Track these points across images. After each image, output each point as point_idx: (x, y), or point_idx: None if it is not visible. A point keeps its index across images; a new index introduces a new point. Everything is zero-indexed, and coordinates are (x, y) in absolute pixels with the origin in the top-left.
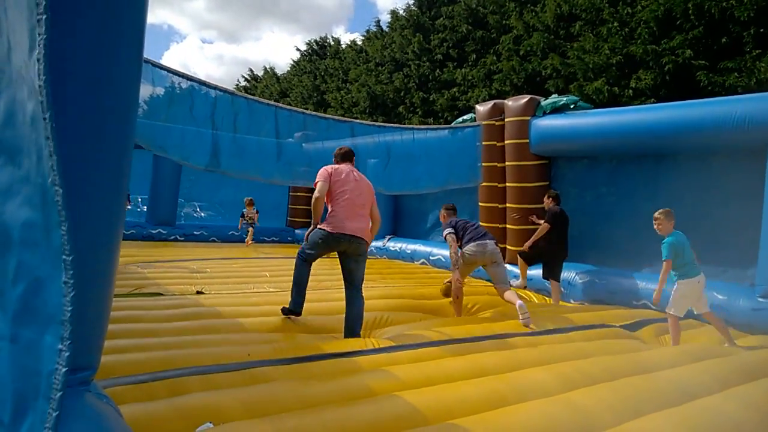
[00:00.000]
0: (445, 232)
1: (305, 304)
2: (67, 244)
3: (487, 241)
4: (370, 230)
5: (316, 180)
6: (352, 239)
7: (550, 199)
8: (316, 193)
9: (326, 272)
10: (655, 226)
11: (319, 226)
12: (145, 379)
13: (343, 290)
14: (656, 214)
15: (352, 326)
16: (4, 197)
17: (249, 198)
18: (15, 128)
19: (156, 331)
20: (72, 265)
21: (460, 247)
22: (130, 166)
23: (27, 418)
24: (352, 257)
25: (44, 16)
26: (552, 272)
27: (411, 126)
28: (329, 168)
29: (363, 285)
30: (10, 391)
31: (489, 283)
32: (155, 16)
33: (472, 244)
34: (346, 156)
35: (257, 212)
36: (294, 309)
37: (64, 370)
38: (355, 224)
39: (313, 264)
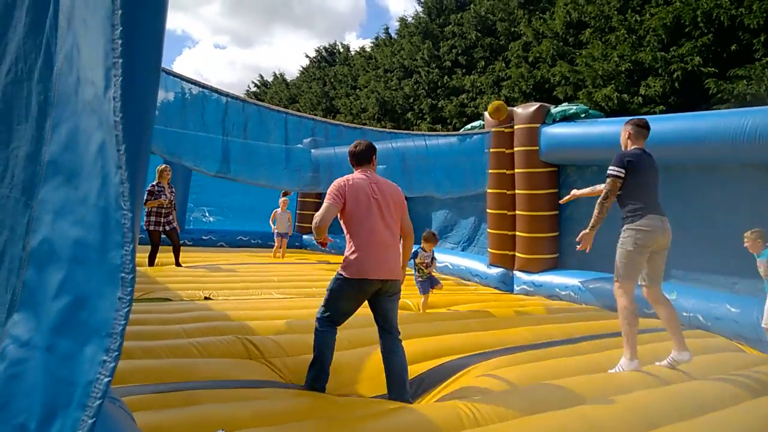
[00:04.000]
0: (613, 170)
1: (307, 308)
2: (129, 263)
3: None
4: (405, 247)
5: (326, 198)
6: (384, 282)
7: None
8: (317, 219)
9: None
10: (750, 245)
11: (339, 272)
12: (157, 390)
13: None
14: (751, 235)
15: (400, 381)
16: (56, 216)
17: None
18: (76, 153)
19: (165, 335)
20: (131, 283)
21: (628, 216)
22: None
23: (54, 425)
24: (384, 296)
25: (120, 60)
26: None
27: (422, 132)
28: (343, 182)
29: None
30: (40, 399)
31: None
32: (169, 21)
33: (651, 216)
34: (364, 156)
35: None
36: (314, 387)
37: (106, 380)
38: (385, 263)
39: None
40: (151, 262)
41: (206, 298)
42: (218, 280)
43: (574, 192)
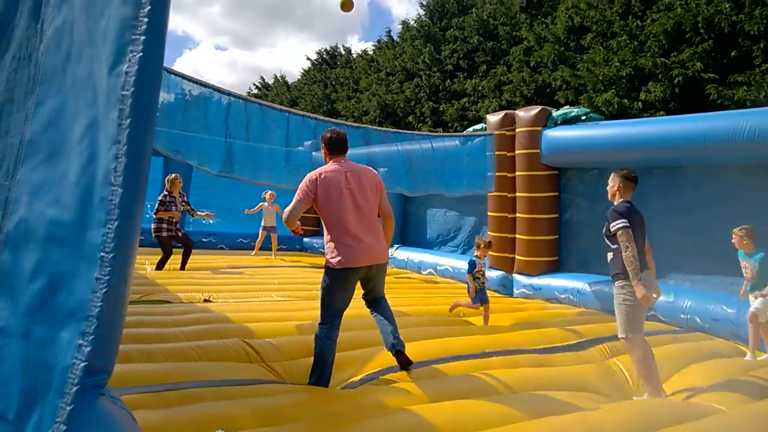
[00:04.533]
0: (619, 224)
1: (307, 310)
2: (111, 242)
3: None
4: (386, 228)
5: (296, 193)
6: (370, 268)
7: None
8: (286, 214)
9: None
10: (735, 242)
11: (325, 265)
12: (157, 389)
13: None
14: (739, 231)
15: (393, 332)
16: (34, 196)
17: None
18: (58, 131)
19: (164, 338)
20: (110, 263)
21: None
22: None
23: (34, 413)
24: (371, 277)
25: (143, 37)
26: None
27: (425, 133)
28: (314, 177)
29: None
30: (18, 387)
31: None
32: (170, 21)
33: (645, 271)
34: (342, 144)
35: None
36: (318, 383)
37: (82, 365)
38: (368, 250)
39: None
40: (160, 267)
41: (206, 301)
42: (218, 283)
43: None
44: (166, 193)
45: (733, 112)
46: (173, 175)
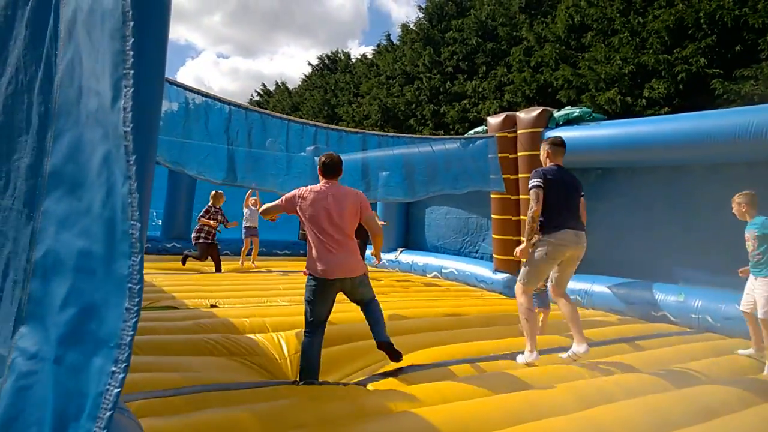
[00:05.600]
0: (533, 182)
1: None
2: (137, 273)
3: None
4: (374, 243)
5: (281, 197)
6: (344, 281)
7: None
8: (264, 207)
9: None
10: (735, 211)
11: (308, 274)
12: (163, 395)
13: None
14: (738, 198)
15: (379, 331)
16: (60, 227)
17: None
18: (79, 164)
19: (171, 344)
20: (138, 293)
21: (542, 228)
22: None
23: None
24: (352, 289)
25: (132, 71)
26: None
27: (424, 136)
28: (298, 194)
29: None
30: (51, 411)
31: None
32: (172, 31)
33: (565, 230)
34: (334, 169)
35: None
36: (307, 377)
37: (116, 391)
38: (340, 264)
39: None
40: (218, 269)
41: (212, 306)
42: (224, 288)
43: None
44: (210, 205)
45: (738, 110)
46: (216, 191)
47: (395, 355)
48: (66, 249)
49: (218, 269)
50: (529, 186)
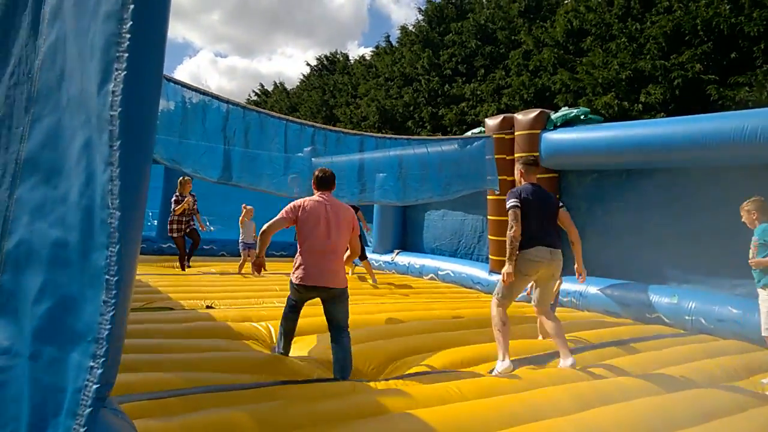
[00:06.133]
0: (510, 202)
1: (308, 316)
2: (115, 265)
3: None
4: (349, 258)
5: (281, 212)
6: (323, 289)
7: None
8: (266, 225)
9: None
10: (745, 219)
11: (292, 275)
12: (159, 396)
13: (359, 301)
14: (746, 205)
15: (342, 367)
16: (34, 216)
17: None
18: (56, 151)
19: (166, 345)
20: (116, 286)
21: (521, 246)
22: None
23: None
24: (328, 301)
25: (126, 54)
26: None
27: (420, 138)
28: (299, 204)
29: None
30: (27, 408)
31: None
32: (170, 29)
33: (538, 247)
34: (327, 182)
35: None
36: (282, 352)
37: (95, 387)
38: (323, 273)
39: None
40: (183, 267)
41: (208, 307)
42: (220, 289)
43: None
44: (177, 194)
45: (734, 113)
46: (183, 177)
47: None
48: (40, 239)
49: (182, 265)
50: (507, 207)
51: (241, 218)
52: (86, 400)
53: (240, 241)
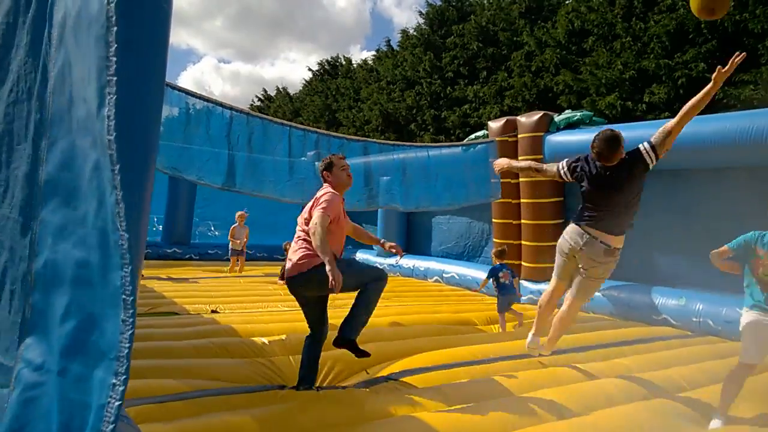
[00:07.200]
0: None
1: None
2: (129, 285)
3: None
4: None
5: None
6: (291, 279)
7: None
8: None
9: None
10: None
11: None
12: (163, 400)
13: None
14: None
15: (309, 369)
16: (57, 237)
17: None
18: (73, 172)
19: (172, 350)
20: (132, 305)
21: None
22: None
23: None
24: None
25: (114, 78)
26: None
27: (424, 144)
28: (334, 197)
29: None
30: (56, 423)
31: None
32: (173, 36)
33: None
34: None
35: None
36: (301, 379)
37: (117, 404)
38: (290, 262)
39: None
40: None
41: (213, 312)
42: (225, 294)
43: (510, 162)
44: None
45: (739, 114)
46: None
47: (360, 353)
48: (64, 259)
49: None
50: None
51: (234, 226)
52: (109, 417)
53: (230, 247)
